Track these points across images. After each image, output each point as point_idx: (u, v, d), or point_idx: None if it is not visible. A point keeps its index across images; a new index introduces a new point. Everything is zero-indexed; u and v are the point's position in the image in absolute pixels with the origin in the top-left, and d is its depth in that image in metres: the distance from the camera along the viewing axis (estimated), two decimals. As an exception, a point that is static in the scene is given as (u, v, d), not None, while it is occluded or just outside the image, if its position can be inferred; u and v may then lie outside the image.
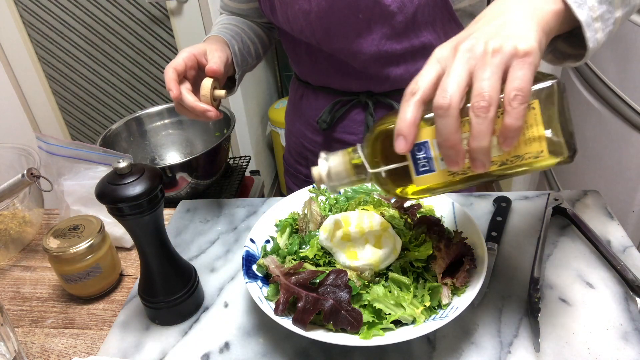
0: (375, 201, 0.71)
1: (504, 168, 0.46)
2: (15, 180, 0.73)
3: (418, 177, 0.47)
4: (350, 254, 0.61)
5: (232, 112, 1.13)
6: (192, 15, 1.92)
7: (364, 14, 0.73)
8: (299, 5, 0.76)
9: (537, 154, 0.44)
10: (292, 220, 0.71)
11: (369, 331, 0.54)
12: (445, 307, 0.58)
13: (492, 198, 0.81)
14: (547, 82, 0.44)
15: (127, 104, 2.22)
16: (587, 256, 0.69)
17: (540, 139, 0.44)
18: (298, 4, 0.76)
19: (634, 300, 0.62)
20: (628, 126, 1.18)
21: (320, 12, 0.74)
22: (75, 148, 0.77)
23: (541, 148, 0.44)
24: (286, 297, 0.58)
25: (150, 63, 2.09)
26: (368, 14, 0.73)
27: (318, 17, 0.75)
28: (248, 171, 1.77)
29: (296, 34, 0.81)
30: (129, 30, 2.00)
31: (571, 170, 1.53)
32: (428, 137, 0.45)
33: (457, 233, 0.64)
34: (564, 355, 0.56)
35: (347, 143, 0.90)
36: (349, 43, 0.77)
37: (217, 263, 0.76)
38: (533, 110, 0.43)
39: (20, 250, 0.85)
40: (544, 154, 0.44)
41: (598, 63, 1.31)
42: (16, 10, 1.98)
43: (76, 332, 0.68)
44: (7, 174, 0.89)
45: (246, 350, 0.61)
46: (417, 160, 0.46)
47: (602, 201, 0.79)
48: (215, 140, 0.98)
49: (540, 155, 0.45)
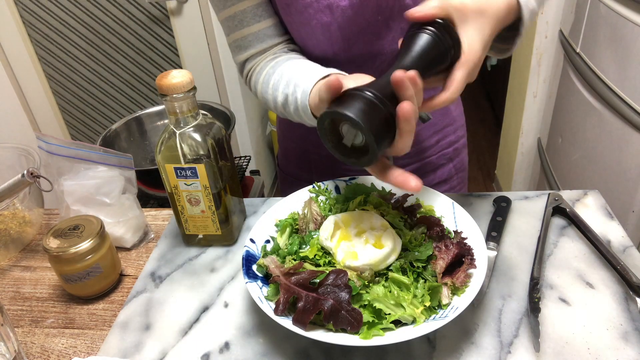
0: (376, 201, 0.71)
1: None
2: (15, 180, 0.73)
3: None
4: (350, 254, 0.61)
5: (232, 112, 1.13)
6: (192, 15, 1.92)
7: (384, 14, 0.73)
8: (317, 19, 0.73)
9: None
10: (292, 220, 0.71)
11: (369, 331, 0.54)
12: (445, 307, 0.58)
13: (492, 198, 0.81)
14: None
15: (127, 104, 2.22)
16: (587, 256, 0.70)
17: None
18: (316, 18, 0.73)
19: (634, 300, 0.62)
20: (628, 126, 1.18)
21: (343, 22, 0.73)
22: (75, 148, 0.77)
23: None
24: (286, 297, 0.58)
25: (150, 63, 2.09)
26: (388, 13, 0.73)
27: (339, 27, 0.73)
28: (248, 171, 1.77)
29: (309, 49, 0.79)
30: (129, 30, 2.00)
31: (571, 170, 1.53)
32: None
33: (457, 233, 0.64)
34: (564, 355, 0.57)
35: None
36: (369, 46, 0.76)
37: (217, 263, 0.76)
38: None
39: (20, 250, 0.85)
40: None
41: (598, 63, 1.31)
42: (16, 10, 1.98)
43: (76, 332, 0.68)
44: (7, 174, 0.89)
45: (246, 350, 0.61)
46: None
47: (602, 201, 0.79)
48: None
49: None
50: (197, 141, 0.68)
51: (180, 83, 0.65)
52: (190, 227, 0.76)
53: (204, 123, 0.70)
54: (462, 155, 1.00)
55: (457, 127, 0.95)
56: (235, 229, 0.79)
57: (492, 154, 2.75)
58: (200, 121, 0.69)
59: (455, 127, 0.95)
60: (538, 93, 1.88)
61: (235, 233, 0.79)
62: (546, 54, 1.78)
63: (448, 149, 0.95)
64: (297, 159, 0.99)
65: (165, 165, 0.70)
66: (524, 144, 2.03)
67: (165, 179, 0.72)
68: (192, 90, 0.66)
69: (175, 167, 0.70)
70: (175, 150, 0.68)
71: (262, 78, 0.76)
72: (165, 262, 0.77)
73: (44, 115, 2.21)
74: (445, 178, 0.97)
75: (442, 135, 0.93)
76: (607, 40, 1.25)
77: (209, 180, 0.70)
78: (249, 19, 0.76)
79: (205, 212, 0.74)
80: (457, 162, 0.98)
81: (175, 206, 0.74)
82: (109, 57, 2.07)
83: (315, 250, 0.63)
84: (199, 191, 0.71)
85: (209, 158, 0.69)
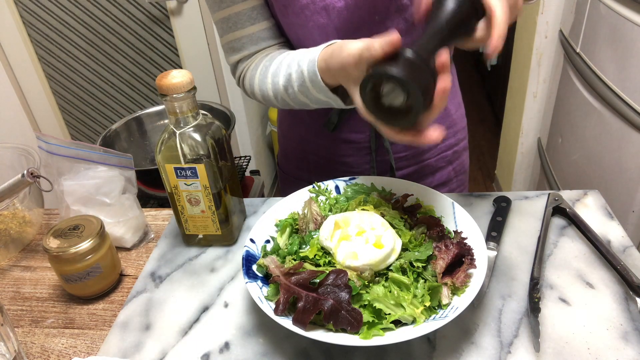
0: (376, 201, 0.71)
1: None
2: (15, 180, 0.73)
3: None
4: (350, 254, 0.61)
5: (232, 112, 1.13)
6: (192, 15, 1.92)
7: (381, 15, 0.73)
8: (314, 21, 0.73)
9: None
10: (292, 220, 0.71)
11: (369, 331, 0.54)
12: (445, 307, 0.58)
13: (492, 198, 0.81)
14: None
15: (127, 104, 2.22)
16: (587, 256, 0.70)
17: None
18: (312, 20, 0.73)
19: (634, 300, 0.62)
20: (628, 126, 1.18)
21: (340, 23, 0.73)
22: (75, 148, 0.77)
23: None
24: (286, 297, 0.58)
25: (150, 63, 2.09)
26: (384, 13, 0.73)
27: (336, 29, 0.74)
28: (248, 171, 1.77)
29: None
30: (129, 30, 2.00)
31: (571, 170, 1.53)
32: None
33: (457, 233, 0.64)
34: (564, 355, 0.57)
35: (354, 142, 0.89)
36: None
37: (217, 263, 0.76)
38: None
39: (20, 250, 0.85)
40: None
41: (598, 63, 1.31)
42: (16, 10, 1.98)
43: (76, 332, 0.68)
44: (7, 174, 0.89)
45: (246, 350, 0.61)
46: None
47: (602, 201, 0.79)
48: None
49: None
50: (197, 141, 0.68)
51: (180, 83, 0.65)
52: (190, 227, 0.76)
53: (204, 123, 0.70)
54: (463, 158, 0.99)
55: (458, 130, 0.95)
56: (235, 229, 0.79)
57: (492, 154, 2.75)
58: (200, 121, 0.69)
59: (455, 130, 0.94)
60: (538, 93, 1.88)
61: (235, 233, 0.79)
62: (546, 54, 1.78)
63: (447, 151, 0.94)
64: (296, 159, 0.99)
65: (165, 165, 0.70)
66: (524, 144, 2.03)
67: (165, 179, 0.72)
68: (192, 90, 0.66)
69: (175, 167, 0.70)
70: (175, 150, 0.68)
71: (258, 71, 0.76)
72: (165, 262, 0.77)
73: (44, 115, 2.21)
74: (445, 181, 0.96)
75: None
76: (607, 40, 1.25)
77: (209, 180, 0.70)
78: (243, 21, 0.76)
79: (205, 212, 0.74)
80: (457, 165, 0.97)
81: (175, 206, 0.74)
82: (109, 57, 2.07)
83: (315, 250, 0.63)
84: (199, 191, 0.71)
85: (209, 158, 0.69)
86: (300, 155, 0.97)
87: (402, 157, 0.90)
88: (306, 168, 0.97)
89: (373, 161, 0.90)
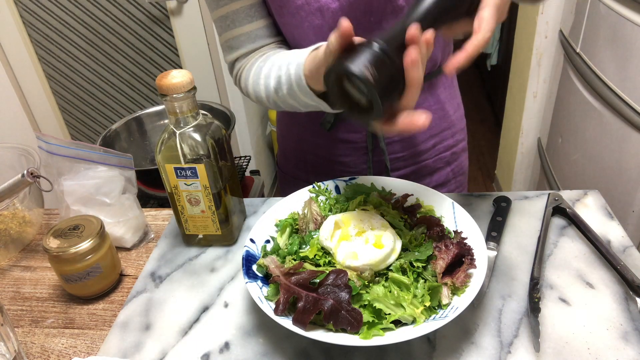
0: (376, 201, 0.71)
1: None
2: (15, 180, 0.73)
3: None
4: (350, 254, 0.61)
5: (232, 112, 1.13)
6: (192, 15, 1.92)
7: (376, 16, 0.73)
8: (309, 22, 0.74)
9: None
10: (292, 220, 0.71)
11: (369, 331, 0.54)
12: (445, 307, 0.58)
13: (492, 198, 0.81)
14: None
15: (127, 104, 2.22)
16: (587, 256, 0.70)
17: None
18: (308, 21, 0.73)
19: (634, 300, 0.62)
20: (628, 126, 1.18)
21: (334, 24, 0.72)
22: (76, 148, 0.77)
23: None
24: (286, 297, 0.58)
25: (150, 63, 2.09)
26: (380, 14, 0.73)
27: (331, 30, 0.73)
28: (248, 171, 1.77)
29: None
30: (129, 30, 2.00)
31: (571, 170, 1.53)
32: None
33: (457, 233, 0.64)
34: (564, 355, 0.57)
35: (351, 142, 0.89)
36: None
37: (217, 263, 0.76)
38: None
39: (20, 250, 0.85)
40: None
41: (598, 63, 1.31)
42: (16, 10, 1.98)
43: (76, 332, 0.68)
44: (7, 174, 0.89)
45: (246, 350, 0.61)
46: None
47: (602, 201, 0.79)
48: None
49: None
50: (197, 141, 0.68)
51: (180, 83, 0.65)
52: (190, 227, 0.76)
53: (204, 123, 0.70)
54: (461, 160, 0.98)
55: (456, 131, 0.94)
56: (235, 229, 0.79)
57: (492, 154, 2.75)
58: (200, 121, 0.69)
59: (453, 131, 0.94)
60: (538, 93, 1.88)
61: (235, 233, 0.79)
62: (546, 54, 1.78)
63: (445, 152, 0.94)
64: (295, 159, 0.99)
65: (165, 165, 0.70)
66: (524, 144, 2.03)
67: (165, 179, 0.72)
68: (192, 90, 0.66)
69: (175, 167, 0.70)
70: (175, 150, 0.68)
71: (252, 72, 0.76)
72: (165, 262, 0.77)
73: (44, 115, 2.21)
74: (443, 182, 0.96)
75: (440, 139, 0.92)
76: (607, 40, 1.25)
77: (209, 180, 0.70)
78: (241, 19, 0.76)
79: (205, 212, 0.74)
80: (455, 166, 0.97)
81: (175, 206, 0.74)
82: (109, 57, 2.07)
83: (315, 250, 0.63)
84: (199, 191, 0.71)
85: (209, 158, 0.69)
86: (298, 155, 0.97)
87: (399, 158, 0.90)
88: (304, 168, 0.98)
89: (370, 161, 0.90)
